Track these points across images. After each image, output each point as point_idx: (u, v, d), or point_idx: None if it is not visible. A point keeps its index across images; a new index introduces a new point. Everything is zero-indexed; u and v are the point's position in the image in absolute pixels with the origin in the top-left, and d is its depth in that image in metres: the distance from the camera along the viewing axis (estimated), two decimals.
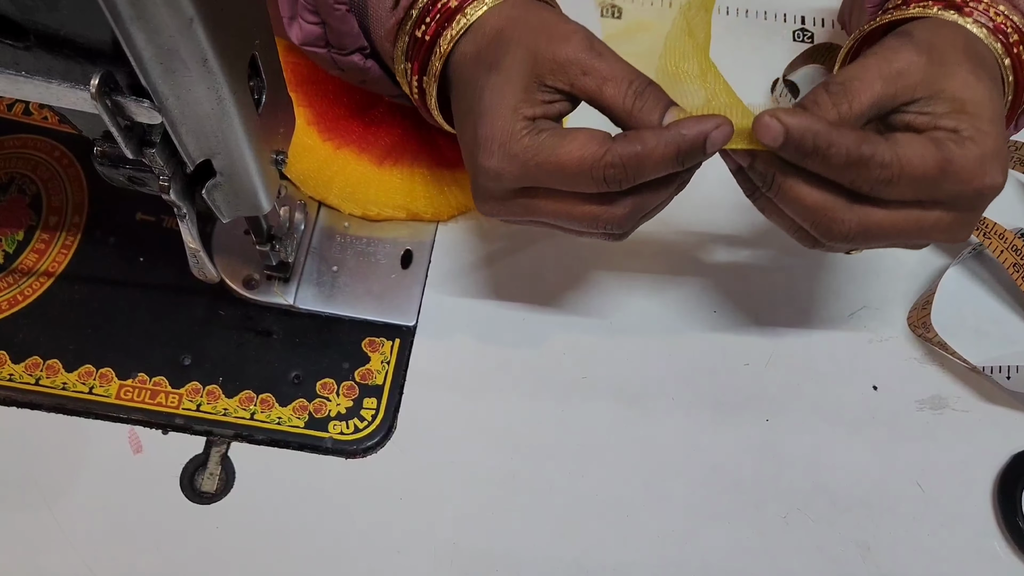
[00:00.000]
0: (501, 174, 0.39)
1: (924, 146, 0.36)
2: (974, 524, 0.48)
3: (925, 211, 0.38)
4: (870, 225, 0.38)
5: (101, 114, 0.31)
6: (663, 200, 0.40)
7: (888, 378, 0.52)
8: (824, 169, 0.36)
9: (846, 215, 0.37)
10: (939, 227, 0.38)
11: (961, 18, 0.40)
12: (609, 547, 0.47)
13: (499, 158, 0.38)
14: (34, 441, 0.47)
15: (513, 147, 0.38)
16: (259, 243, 0.47)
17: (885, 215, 0.37)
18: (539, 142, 0.38)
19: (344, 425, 0.48)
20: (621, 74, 0.38)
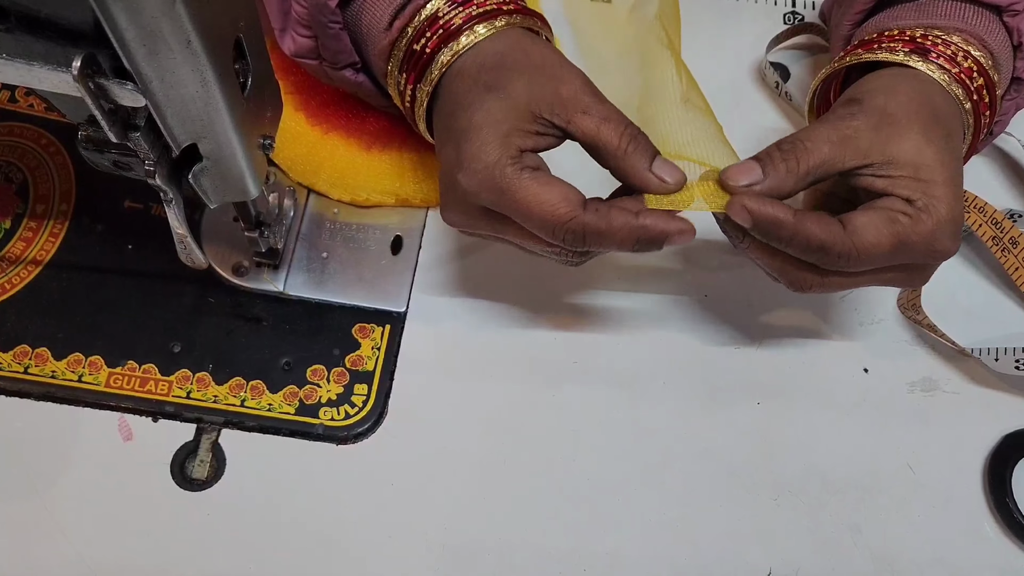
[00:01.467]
0: (477, 194, 0.39)
1: (879, 229, 0.39)
2: (965, 505, 0.49)
3: (883, 273, 0.42)
4: (832, 284, 0.42)
5: (84, 97, 0.31)
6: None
7: (879, 360, 0.52)
8: (789, 251, 0.40)
9: (809, 278, 0.41)
10: (895, 281, 0.43)
11: (925, 64, 0.42)
12: (601, 532, 0.47)
13: (479, 180, 0.39)
14: (24, 430, 0.47)
15: (495, 174, 0.39)
16: (248, 229, 0.47)
17: (846, 279, 0.41)
18: (520, 181, 0.39)
19: (335, 411, 0.48)
20: (618, 117, 0.40)
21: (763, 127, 0.58)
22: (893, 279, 0.42)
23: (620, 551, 0.47)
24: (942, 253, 0.40)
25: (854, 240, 0.39)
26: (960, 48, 0.43)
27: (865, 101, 0.41)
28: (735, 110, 0.57)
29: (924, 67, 0.42)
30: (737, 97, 0.59)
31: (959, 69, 0.42)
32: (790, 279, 0.42)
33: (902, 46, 0.43)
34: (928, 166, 0.39)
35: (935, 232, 0.39)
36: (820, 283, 0.41)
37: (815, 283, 0.41)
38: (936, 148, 0.40)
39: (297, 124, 0.52)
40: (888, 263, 0.40)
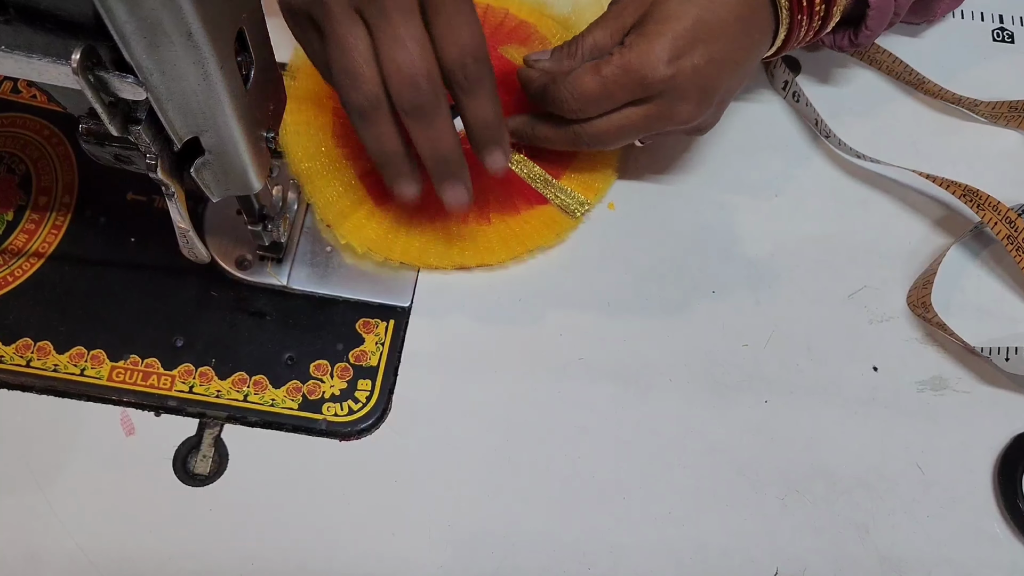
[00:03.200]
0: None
1: (586, 70, 0.46)
2: (974, 506, 0.48)
3: (628, 111, 0.47)
4: (596, 132, 0.48)
5: (83, 90, 0.30)
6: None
7: (888, 359, 0.51)
8: (536, 96, 0.49)
9: (574, 131, 0.48)
10: (650, 119, 0.47)
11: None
12: (606, 529, 0.47)
13: None
14: (25, 423, 0.47)
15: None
16: (251, 223, 0.47)
17: (601, 123, 0.47)
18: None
19: (338, 407, 0.48)
20: None
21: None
22: (636, 114, 0.47)
23: (625, 548, 0.46)
24: (656, 81, 0.45)
25: (566, 83, 0.46)
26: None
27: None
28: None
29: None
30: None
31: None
32: (560, 137, 0.49)
33: None
34: (653, 13, 0.45)
35: (634, 62, 0.44)
36: (584, 132, 0.48)
37: (577, 132, 0.48)
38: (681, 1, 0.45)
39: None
40: (611, 98, 0.46)
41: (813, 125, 0.57)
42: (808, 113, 0.56)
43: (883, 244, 0.54)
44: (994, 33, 0.62)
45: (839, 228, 0.55)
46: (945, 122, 0.59)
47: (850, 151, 0.55)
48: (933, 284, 0.51)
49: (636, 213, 0.54)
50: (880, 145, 0.56)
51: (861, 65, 0.60)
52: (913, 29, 0.61)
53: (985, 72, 0.59)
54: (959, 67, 0.58)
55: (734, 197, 0.55)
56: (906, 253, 0.54)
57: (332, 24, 0.40)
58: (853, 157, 0.55)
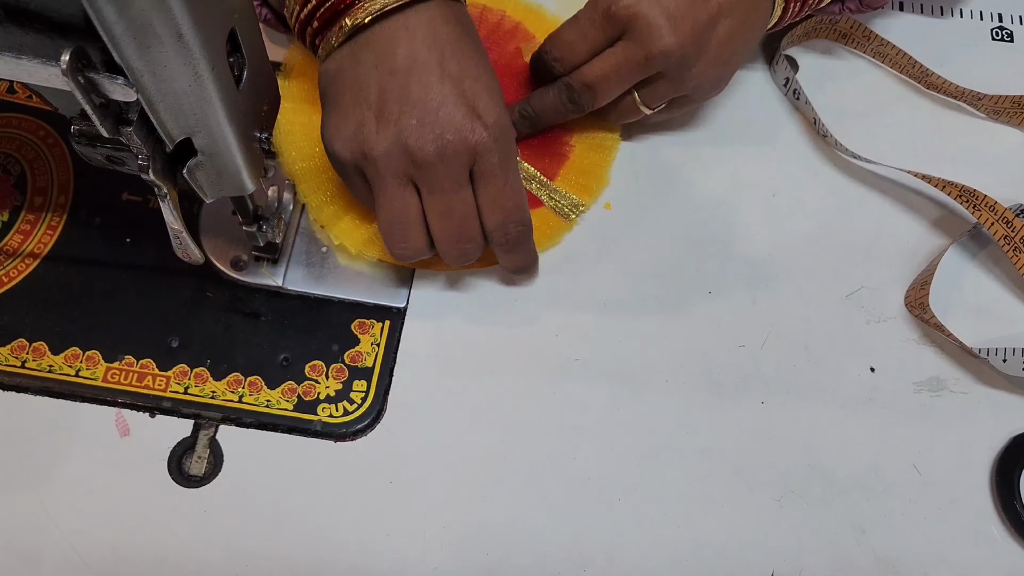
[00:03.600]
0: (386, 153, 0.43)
1: (563, 24, 0.48)
2: (971, 507, 0.48)
3: (607, 52, 0.47)
4: (584, 80, 0.48)
5: (74, 91, 0.30)
6: None
7: (886, 359, 0.51)
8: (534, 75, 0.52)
9: (565, 83, 0.49)
10: (629, 57, 0.46)
11: None
12: (602, 530, 0.46)
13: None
14: (20, 424, 0.47)
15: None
16: (246, 224, 0.46)
17: (585, 68, 0.48)
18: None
19: (333, 408, 0.48)
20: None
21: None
22: (617, 53, 0.46)
23: (620, 550, 0.46)
24: (617, 14, 0.45)
25: (548, 36, 0.49)
26: None
27: None
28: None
29: None
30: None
31: None
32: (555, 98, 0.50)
33: None
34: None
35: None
36: (584, 76, 0.48)
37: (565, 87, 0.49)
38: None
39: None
40: (584, 40, 0.47)
41: (811, 124, 0.56)
42: (807, 111, 0.56)
43: (881, 244, 0.54)
44: (993, 32, 0.62)
45: (837, 228, 0.54)
46: (945, 121, 0.58)
47: (847, 151, 0.54)
48: (931, 285, 0.50)
49: (632, 213, 0.54)
50: (879, 144, 0.56)
51: (864, 59, 0.60)
52: (915, 25, 0.61)
53: (984, 71, 0.59)
54: (958, 66, 0.58)
55: (731, 197, 0.55)
56: (904, 253, 0.54)
57: (383, 186, 0.42)
58: (850, 157, 0.55)
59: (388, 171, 0.42)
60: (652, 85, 0.48)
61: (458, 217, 0.43)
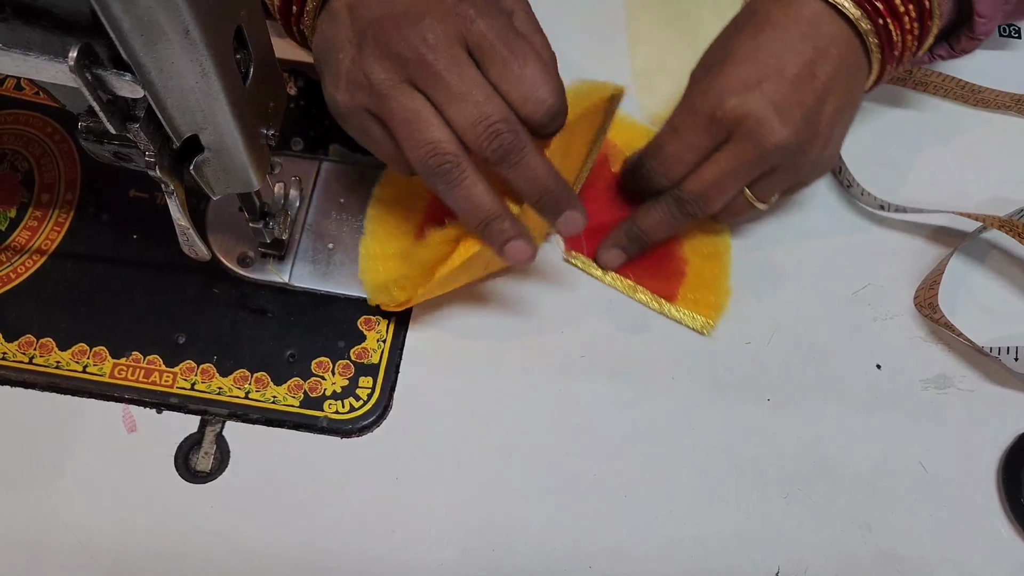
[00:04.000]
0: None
1: (662, 133, 0.47)
2: (978, 505, 0.48)
3: (716, 156, 0.45)
4: (694, 190, 0.46)
5: (81, 88, 0.31)
6: None
7: (892, 357, 0.51)
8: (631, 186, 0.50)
9: (674, 196, 0.47)
10: (740, 156, 0.44)
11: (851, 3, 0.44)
12: (607, 527, 0.46)
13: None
14: (28, 420, 0.47)
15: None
16: (252, 220, 0.47)
17: (693, 178, 0.46)
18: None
19: (339, 404, 0.48)
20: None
21: None
22: (728, 156, 0.45)
23: (626, 547, 0.46)
24: (725, 116, 0.43)
25: (646, 147, 0.47)
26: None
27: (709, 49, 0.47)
28: None
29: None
30: None
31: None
32: (665, 211, 0.48)
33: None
34: (718, 54, 0.45)
35: (700, 100, 0.44)
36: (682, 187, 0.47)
37: (679, 194, 0.47)
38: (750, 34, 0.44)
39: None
40: (690, 149, 0.45)
41: (836, 173, 0.55)
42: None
43: (888, 242, 0.54)
44: (1001, 29, 0.61)
45: (843, 225, 0.54)
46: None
47: (874, 202, 0.53)
48: (940, 285, 0.50)
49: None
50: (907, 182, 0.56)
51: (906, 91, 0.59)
52: None
53: (992, 68, 0.58)
54: (966, 63, 0.57)
55: None
56: (911, 251, 0.53)
57: (388, 103, 0.39)
58: (876, 209, 0.53)
59: (386, 86, 0.39)
60: (766, 179, 0.46)
61: (473, 97, 0.39)
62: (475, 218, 0.41)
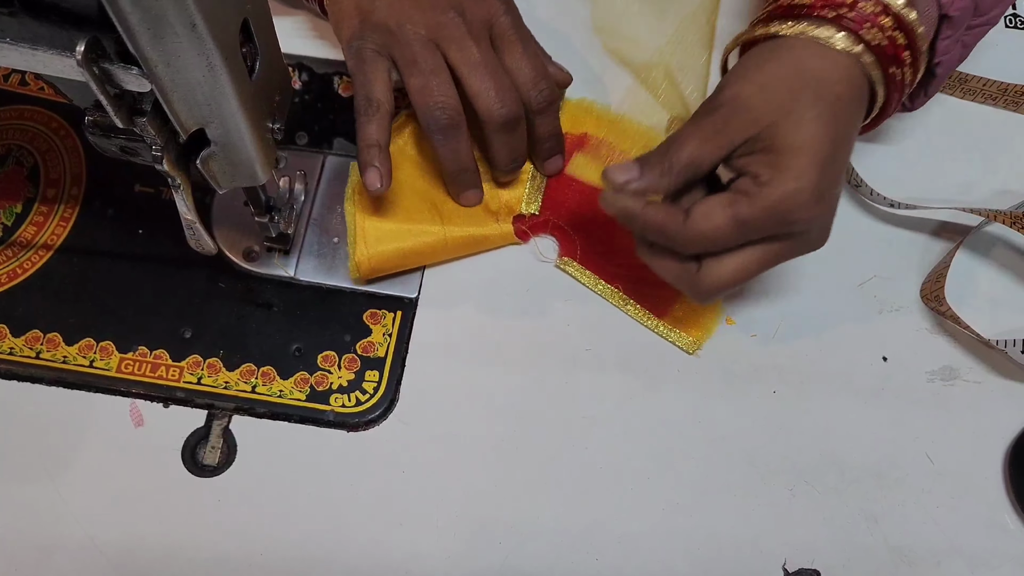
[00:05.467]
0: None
1: (715, 211, 0.40)
2: (984, 496, 0.48)
3: (751, 249, 0.42)
4: (717, 276, 0.42)
5: (88, 82, 0.31)
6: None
7: (899, 348, 0.51)
8: (647, 235, 0.43)
9: (690, 269, 0.43)
10: (773, 254, 0.42)
11: (807, 27, 0.41)
12: (614, 519, 0.46)
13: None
14: (35, 415, 0.47)
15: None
16: (258, 214, 0.47)
17: (725, 264, 0.42)
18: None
19: (346, 398, 0.48)
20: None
21: None
22: (766, 254, 0.42)
23: (633, 539, 0.46)
24: (803, 221, 0.40)
25: (690, 224, 0.41)
26: (877, 23, 0.41)
27: (724, 90, 0.42)
28: None
29: (826, 34, 0.41)
30: None
31: (859, 22, 0.41)
32: (675, 276, 0.44)
33: (799, 20, 0.42)
34: (780, 139, 0.40)
35: (780, 203, 0.39)
36: (705, 279, 0.43)
37: (696, 273, 0.43)
38: (794, 119, 0.40)
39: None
40: (744, 239, 0.41)
41: (845, 174, 0.55)
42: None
43: (894, 234, 0.54)
44: (1007, 19, 0.61)
45: (849, 216, 0.54)
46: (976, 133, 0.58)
47: (883, 201, 0.53)
48: (946, 278, 0.50)
49: None
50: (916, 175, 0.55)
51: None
52: None
53: (997, 58, 0.58)
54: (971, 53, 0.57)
55: None
56: (917, 242, 0.53)
57: (413, 52, 0.46)
58: (886, 207, 0.53)
59: (416, 37, 0.46)
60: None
61: (491, 68, 0.46)
62: (453, 165, 0.49)
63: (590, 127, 0.54)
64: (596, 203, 0.48)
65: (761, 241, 0.42)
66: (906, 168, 0.55)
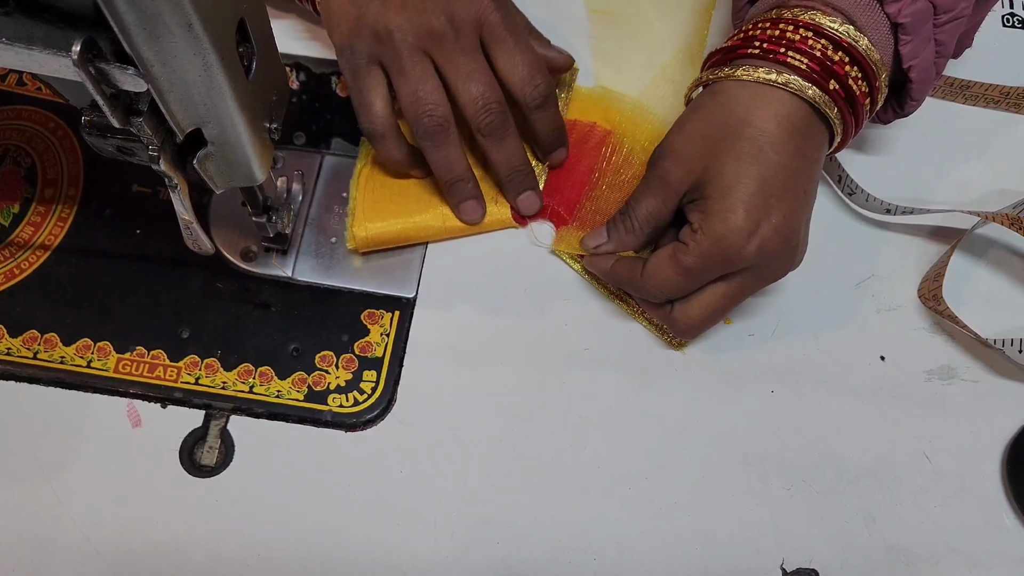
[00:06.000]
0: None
1: (662, 264, 0.44)
2: (982, 496, 0.48)
3: (712, 289, 0.44)
4: (687, 316, 0.45)
5: (84, 82, 0.30)
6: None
7: (896, 348, 0.51)
8: (623, 288, 0.49)
9: (670, 316, 0.46)
10: (737, 290, 0.44)
11: (752, 69, 0.43)
12: (612, 519, 0.46)
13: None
14: (33, 415, 0.47)
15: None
16: (255, 214, 0.47)
17: (692, 305, 0.45)
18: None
19: (344, 398, 0.48)
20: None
21: None
22: (728, 290, 0.44)
23: (630, 538, 0.46)
24: (744, 259, 0.42)
25: (645, 277, 0.45)
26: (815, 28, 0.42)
27: (665, 140, 0.45)
28: None
29: (730, 73, 0.44)
30: None
31: (784, 52, 0.43)
32: (658, 316, 0.48)
33: (746, 63, 0.44)
34: (708, 186, 0.42)
35: (714, 248, 0.42)
36: (673, 314, 0.46)
37: (670, 315, 0.46)
38: (718, 163, 0.42)
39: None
40: (698, 283, 0.44)
41: (836, 182, 0.54)
42: (832, 169, 0.54)
43: (891, 233, 0.54)
44: (1004, 19, 0.61)
45: (846, 216, 0.54)
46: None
47: (879, 207, 0.53)
48: (944, 277, 0.50)
49: None
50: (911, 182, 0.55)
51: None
52: None
53: (995, 58, 0.58)
54: (968, 53, 0.57)
55: None
56: (915, 242, 0.53)
57: (402, 61, 0.46)
58: (882, 213, 0.53)
59: (404, 45, 0.45)
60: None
61: (481, 82, 0.46)
62: (447, 174, 0.48)
63: (599, 117, 0.55)
64: (595, 192, 0.52)
65: (717, 281, 0.44)
66: (903, 168, 0.55)
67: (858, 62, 0.43)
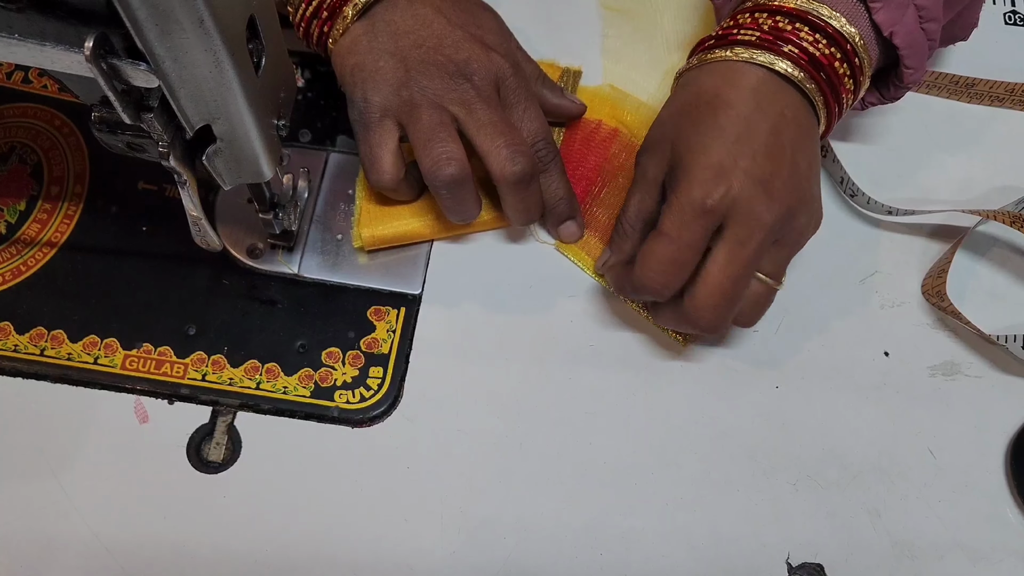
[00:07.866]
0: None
1: (647, 242, 0.43)
2: (986, 491, 0.48)
3: (712, 258, 0.42)
4: (703, 296, 0.43)
5: (96, 78, 0.31)
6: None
7: (900, 344, 0.51)
8: (638, 295, 0.46)
9: (685, 307, 0.44)
10: (736, 245, 0.42)
11: (719, 51, 0.44)
12: (617, 515, 0.47)
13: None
14: (40, 411, 0.47)
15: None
16: (262, 211, 0.47)
17: (700, 284, 0.43)
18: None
19: (350, 394, 0.48)
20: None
21: None
22: (729, 250, 0.42)
23: (636, 533, 0.46)
24: (715, 206, 0.41)
25: (639, 267, 0.43)
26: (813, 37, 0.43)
27: (645, 136, 0.47)
28: None
29: (701, 59, 0.45)
30: None
31: (740, 33, 0.44)
32: (675, 319, 0.46)
33: (708, 43, 0.46)
34: (676, 156, 0.43)
35: (685, 199, 0.42)
36: (686, 306, 0.44)
37: (684, 310, 0.44)
38: (684, 136, 0.43)
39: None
40: (689, 250, 0.42)
41: (839, 184, 0.54)
42: (834, 171, 0.54)
43: (895, 229, 0.54)
44: (1006, 16, 0.61)
45: (850, 213, 0.54)
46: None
47: (881, 209, 0.53)
48: (948, 273, 0.50)
49: None
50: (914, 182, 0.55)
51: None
52: None
53: (997, 56, 0.58)
54: (970, 51, 0.58)
55: None
56: (918, 239, 0.54)
57: (419, 112, 0.45)
58: (884, 215, 0.53)
59: (424, 100, 0.45)
60: (770, 257, 0.44)
61: (502, 126, 0.46)
62: (458, 219, 0.49)
63: (605, 115, 0.55)
64: (602, 186, 0.52)
65: (709, 250, 0.42)
66: (907, 164, 0.56)
67: (816, 27, 0.43)
